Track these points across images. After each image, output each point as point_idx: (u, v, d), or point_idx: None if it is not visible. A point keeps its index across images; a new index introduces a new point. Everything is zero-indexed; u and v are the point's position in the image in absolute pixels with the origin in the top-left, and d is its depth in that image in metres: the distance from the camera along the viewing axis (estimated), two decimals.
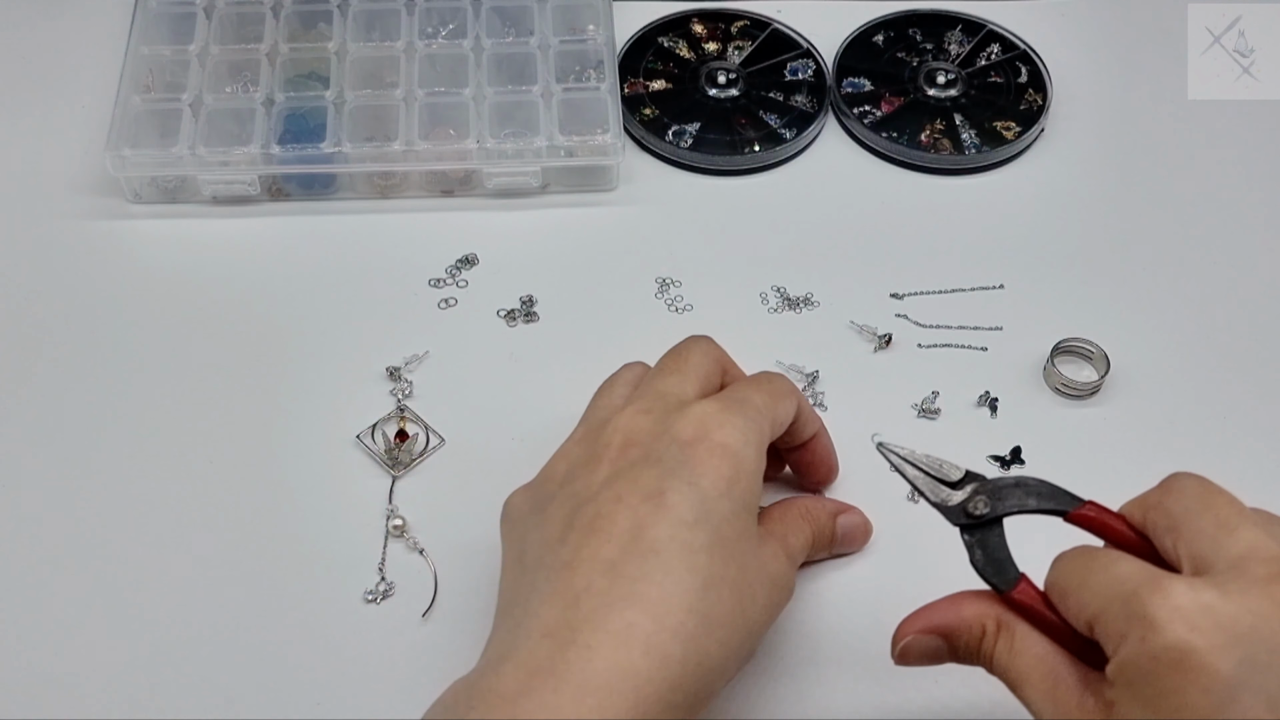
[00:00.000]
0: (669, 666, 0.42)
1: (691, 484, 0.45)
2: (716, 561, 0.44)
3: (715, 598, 0.44)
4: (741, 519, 0.46)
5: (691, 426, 0.47)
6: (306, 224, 0.74)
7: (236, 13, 0.80)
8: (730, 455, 0.46)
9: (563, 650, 0.42)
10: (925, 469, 0.46)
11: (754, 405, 0.49)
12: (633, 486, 0.46)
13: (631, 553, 0.44)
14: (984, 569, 0.43)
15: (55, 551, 0.60)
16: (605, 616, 0.43)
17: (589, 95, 0.77)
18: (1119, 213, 0.76)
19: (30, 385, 0.67)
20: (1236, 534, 0.38)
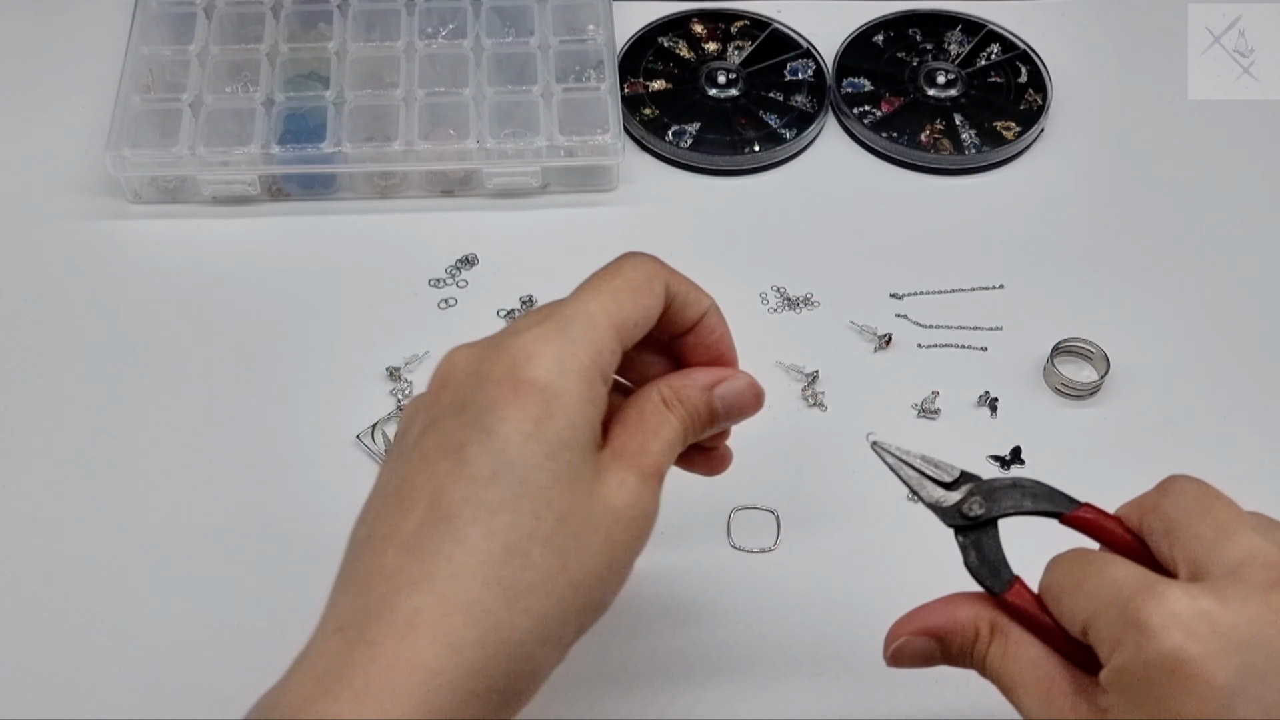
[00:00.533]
0: (462, 653, 0.37)
1: (488, 432, 0.40)
2: (523, 518, 0.39)
3: (521, 562, 0.39)
4: (560, 460, 0.40)
5: (504, 361, 0.41)
6: (306, 224, 0.74)
7: (236, 13, 0.80)
8: (538, 390, 0.40)
9: (350, 649, 0.38)
10: (920, 469, 0.45)
11: (583, 320, 0.42)
12: (438, 441, 0.41)
13: (427, 523, 0.39)
14: (978, 571, 0.42)
15: (55, 552, 0.60)
16: (393, 604, 0.38)
17: (589, 95, 0.77)
18: (1119, 213, 0.76)
19: (30, 385, 0.67)
20: (1234, 539, 0.37)
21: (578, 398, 0.41)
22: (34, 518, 0.62)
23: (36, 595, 0.59)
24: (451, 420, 0.41)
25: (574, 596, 0.40)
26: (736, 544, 0.61)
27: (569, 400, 0.41)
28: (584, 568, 0.40)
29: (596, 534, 0.41)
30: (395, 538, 0.40)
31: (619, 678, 0.57)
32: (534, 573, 0.39)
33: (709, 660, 0.58)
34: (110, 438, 0.65)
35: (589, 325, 0.42)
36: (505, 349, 0.41)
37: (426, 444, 0.41)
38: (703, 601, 0.60)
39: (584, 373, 0.41)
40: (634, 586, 0.60)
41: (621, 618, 0.59)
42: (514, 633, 0.38)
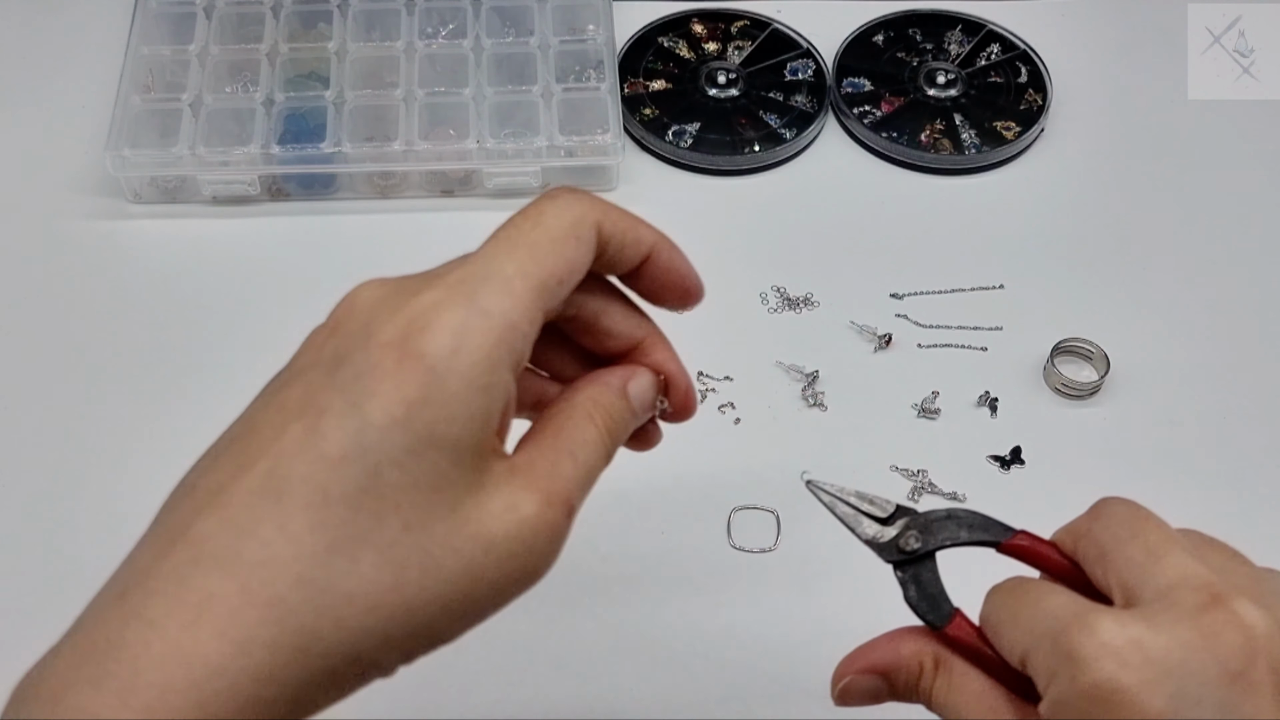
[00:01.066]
0: (250, 654, 0.32)
1: (354, 405, 0.34)
2: (361, 517, 0.33)
3: (346, 566, 0.33)
4: (427, 459, 0.34)
5: (397, 322, 0.35)
6: (306, 224, 0.74)
7: (236, 13, 0.80)
8: (423, 370, 0.34)
9: (125, 625, 0.33)
10: (855, 505, 0.44)
11: (497, 284, 0.36)
12: (301, 396, 0.35)
13: (254, 492, 0.34)
14: (918, 605, 0.41)
15: (55, 552, 0.60)
16: (187, 579, 0.33)
17: (589, 95, 0.77)
18: (1119, 213, 0.76)
19: (30, 384, 0.67)
20: (1165, 561, 0.36)
21: (468, 386, 0.34)
22: (34, 518, 0.62)
23: (37, 596, 0.59)
24: (323, 376, 0.35)
25: (404, 620, 0.34)
26: (736, 544, 0.61)
27: (455, 388, 0.34)
28: (426, 593, 0.34)
29: (455, 559, 0.34)
30: (217, 499, 0.34)
31: (618, 677, 0.57)
32: (358, 582, 0.33)
33: (709, 660, 0.58)
34: (109, 437, 0.64)
35: (503, 291, 0.35)
36: (405, 308, 0.35)
37: (289, 395, 0.35)
38: (703, 601, 0.60)
39: (485, 355, 0.34)
40: (634, 586, 0.60)
41: (621, 617, 0.59)
42: (317, 643, 0.33)
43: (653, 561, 0.61)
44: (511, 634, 0.58)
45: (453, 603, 0.35)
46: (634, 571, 0.60)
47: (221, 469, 0.35)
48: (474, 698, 0.56)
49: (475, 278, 0.36)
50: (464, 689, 0.56)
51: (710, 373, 0.68)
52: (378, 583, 0.34)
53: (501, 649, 0.57)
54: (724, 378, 0.67)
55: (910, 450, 0.65)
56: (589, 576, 0.60)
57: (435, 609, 0.34)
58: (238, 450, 0.35)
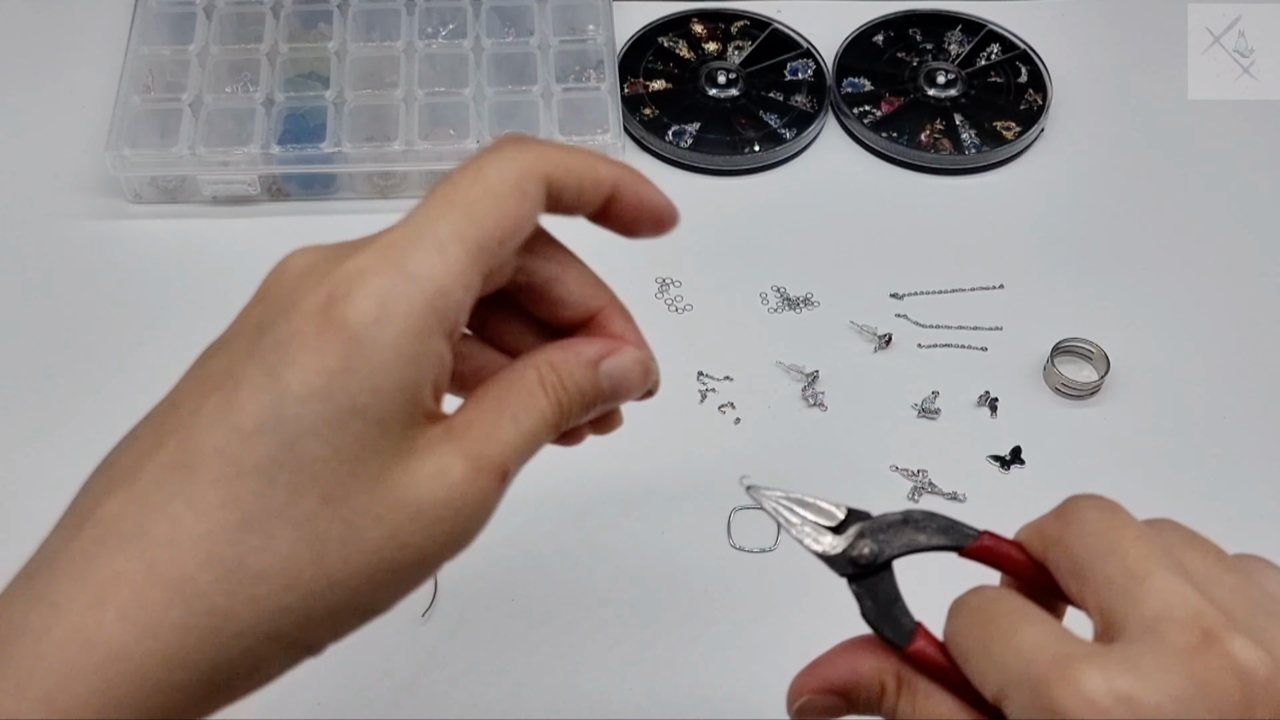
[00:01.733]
0: (158, 637, 0.31)
1: (271, 374, 0.32)
2: (276, 490, 0.32)
3: (259, 542, 0.32)
4: (347, 430, 0.32)
5: (323, 289, 0.33)
6: (306, 224, 0.74)
7: (236, 13, 0.80)
8: (346, 338, 0.32)
9: (28, 609, 0.32)
10: (803, 513, 0.40)
11: (428, 247, 0.33)
12: (221, 366, 0.34)
13: (166, 468, 0.32)
14: (876, 622, 0.37)
15: None
16: (92, 560, 0.32)
17: (589, 95, 0.77)
18: (1119, 213, 0.76)
19: (30, 384, 0.67)
20: (1147, 585, 0.32)
21: (394, 354, 0.32)
22: (34, 518, 0.62)
23: None
24: (244, 344, 0.34)
25: (327, 594, 0.33)
26: (736, 544, 0.61)
27: (381, 356, 0.32)
28: (349, 565, 0.33)
29: (378, 527, 0.33)
30: (128, 477, 0.33)
31: (617, 677, 0.57)
32: (272, 558, 0.32)
33: (709, 660, 0.58)
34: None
35: (435, 254, 0.33)
36: (330, 274, 0.33)
37: (211, 367, 0.34)
38: (703, 601, 0.60)
39: (413, 322, 0.32)
40: (634, 586, 0.60)
41: (621, 616, 0.59)
42: (230, 623, 0.32)
43: (652, 561, 0.61)
44: (510, 634, 0.58)
45: (378, 573, 0.33)
46: (634, 571, 0.60)
47: (137, 446, 0.34)
48: (472, 698, 0.56)
49: (406, 240, 0.34)
50: (462, 688, 0.56)
51: (710, 373, 0.68)
52: (294, 558, 0.32)
53: (500, 649, 0.57)
54: (724, 378, 0.67)
55: (910, 450, 0.65)
56: (589, 576, 0.60)
57: (359, 580, 0.33)
58: (155, 426, 0.34)
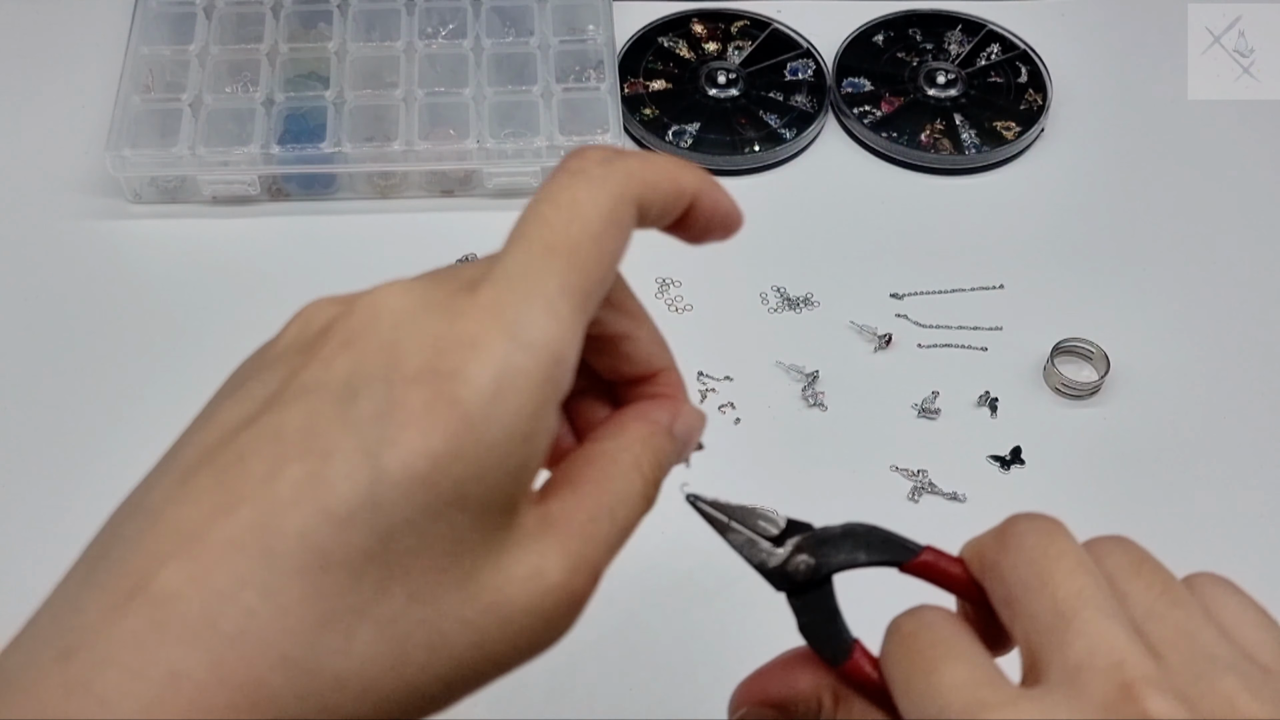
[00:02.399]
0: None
1: (369, 453, 0.28)
2: (363, 587, 0.28)
3: (339, 644, 0.28)
4: (448, 521, 0.28)
5: (428, 351, 0.28)
6: (306, 224, 0.74)
7: (236, 13, 0.80)
8: (458, 416, 0.28)
9: (68, 697, 0.27)
10: (743, 522, 0.39)
11: (537, 306, 0.29)
12: (302, 425, 0.28)
13: (237, 545, 0.27)
14: (813, 638, 0.36)
15: (54, 552, 0.60)
16: (147, 648, 0.27)
17: (589, 95, 0.77)
18: (1119, 213, 0.76)
19: (30, 385, 0.67)
20: (1073, 627, 0.31)
21: (507, 436, 0.28)
22: (34, 518, 0.62)
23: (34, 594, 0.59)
24: (332, 406, 0.28)
25: (403, 703, 0.29)
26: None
27: (494, 439, 0.28)
28: (429, 673, 0.29)
29: (464, 635, 0.29)
30: (190, 547, 0.28)
31: (617, 677, 0.57)
32: (351, 663, 0.28)
33: (709, 660, 0.58)
34: (110, 438, 0.64)
35: (548, 317, 0.29)
36: (435, 331, 0.29)
37: (287, 420, 0.29)
38: (703, 601, 0.60)
39: (530, 399, 0.28)
40: (633, 586, 0.60)
41: (621, 617, 0.59)
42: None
43: (652, 561, 0.61)
44: None
45: (455, 682, 0.30)
46: (633, 571, 0.60)
47: (194, 501, 0.29)
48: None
49: (514, 300, 0.29)
50: None
51: (710, 373, 0.68)
52: (374, 664, 0.28)
53: None
54: (724, 378, 0.67)
55: (910, 450, 0.65)
56: None
57: (437, 689, 0.30)
58: (216, 481, 0.29)
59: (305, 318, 0.32)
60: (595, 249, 0.30)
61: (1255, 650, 0.31)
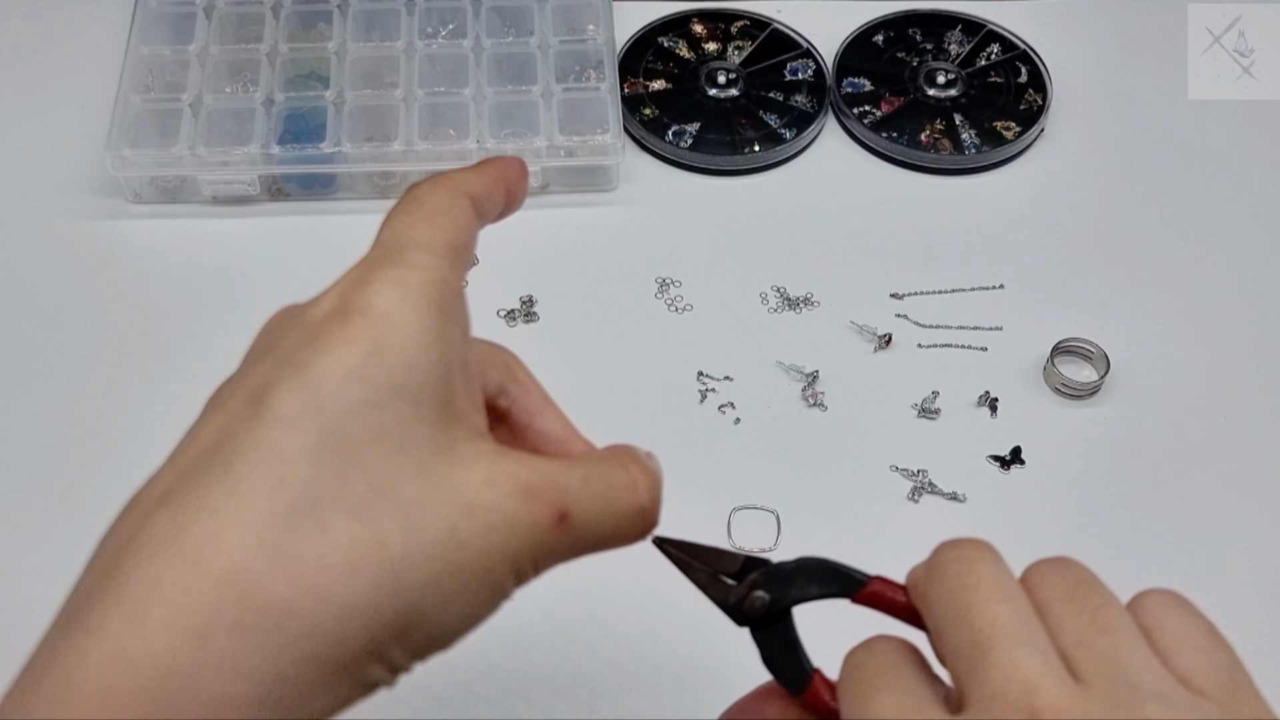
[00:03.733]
0: (211, 641, 0.28)
1: (301, 367, 0.31)
2: (325, 476, 0.29)
3: (314, 527, 0.29)
4: (387, 410, 0.31)
5: (329, 296, 0.33)
6: (306, 224, 0.74)
7: (236, 13, 0.80)
8: (372, 320, 0.31)
9: (60, 639, 0.29)
10: (703, 562, 0.40)
11: (414, 246, 0.34)
12: (238, 385, 0.32)
13: (198, 471, 0.30)
14: (774, 669, 0.38)
15: (54, 553, 0.60)
16: (126, 576, 0.29)
17: (589, 95, 0.77)
18: (1119, 213, 0.76)
19: (30, 385, 0.67)
20: (989, 658, 0.31)
21: (422, 330, 0.32)
22: (33, 518, 0.62)
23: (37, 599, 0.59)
24: (259, 361, 0.32)
25: (395, 591, 0.30)
26: (736, 544, 0.61)
27: (409, 332, 0.31)
28: (412, 557, 0.30)
29: (434, 519, 0.31)
30: (153, 492, 0.31)
31: (617, 677, 0.57)
32: (331, 545, 0.29)
33: (709, 660, 0.57)
34: (109, 438, 0.64)
35: (425, 251, 0.33)
36: (330, 291, 0.33)
37: (226, 390, 0.33)
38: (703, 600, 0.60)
39: (432, 300, 0.32)
40: (633, 586, 0.60)
41: (621, 617, 0.59)
42: (292, 620, 0.28)
43: (652, 561, 0.61)
44: (507, 634, 0.58)
45: (442, 574, 0.30)
46: (633, 571, 0.60)
47: (163, 478, 0.32)
48: (470, 698, 0.56)
49: (392, 247, 0.34)
50: (460, 689, 0.56)
51: (710, 373, 0.68)
52: (354, 545, 0.29)
53: (498, 649, 0.57)
54: (724, 378, 0.67)
55: (910, 450, 0.65)
56: (588, 575, 0.60)
57: (424, 577, 0.30)
58: (178, 457, 0.32)
59: None
60: (447, 216, 0.35)
61: (1191, 675, 0.31)
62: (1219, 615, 0.34)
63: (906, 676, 0.33)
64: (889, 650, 0.35)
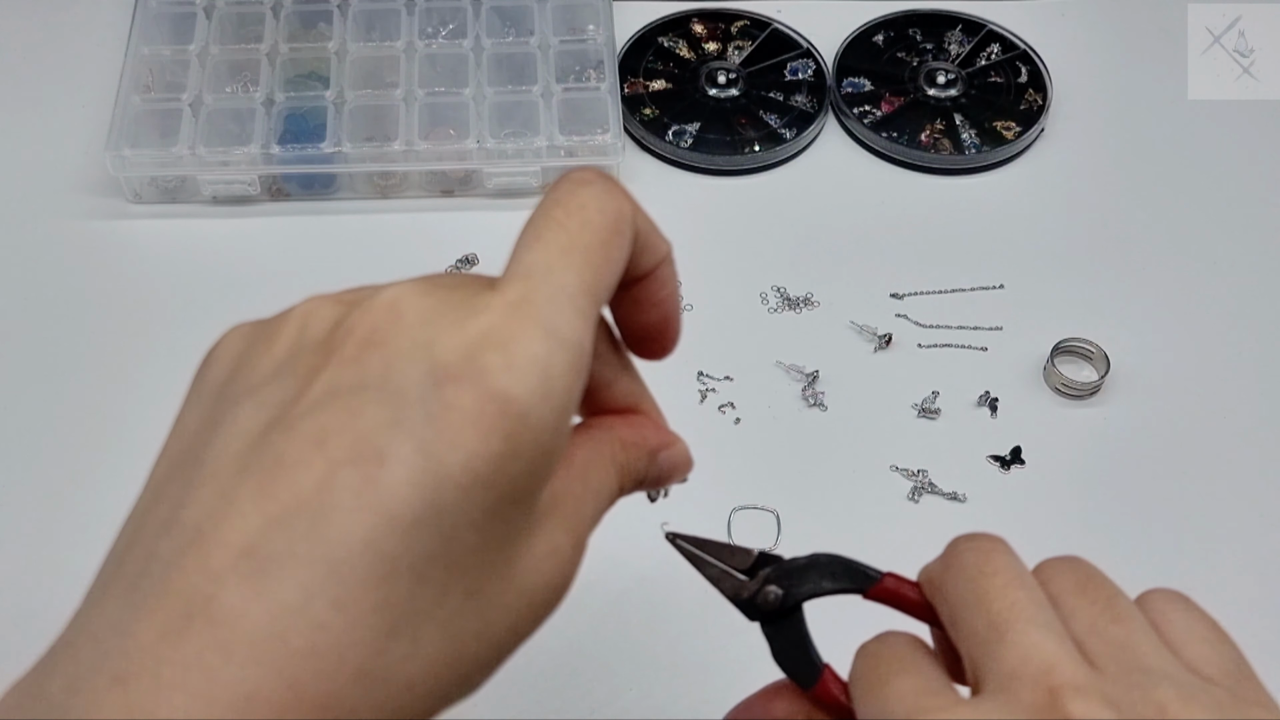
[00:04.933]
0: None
1: (430, 456, 0.27)
2: (428, 590, 0.27)
3: (408, 649, 0.28)
4: (500, 518, 0.28)
5: (462, 348, 0.28)
6: (306, 224, 0.74)
7: (236, 13, 0.80)
8: (512, 415, 0.27)
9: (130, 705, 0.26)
10: (716, 558, 0.40)
11: (563, 301, 0.29)
12: (345, 427, 0.27)
13: (300, 557, 0.26)
14: (784, 664, 0.38)
15: (53, 552, 0.60)
16: (215, 672, 0.26)
17: (589, 95, 0.77)
18: (1119, 213, 0.76)
19: (30, 385, 0.67)
20: (1007, 639, 0.31)
21: (555, 434, 0.29)
22: (34, 518, 0.62)
23: (36, 599, 0.59)
24: (374, 406, 0.28)
25: (455, 695, 0.30)
26: (737, 544, 0.61)
27: (545, 437, 0.28)
28: (479, 661, 0.29)
29: (504, 618, 0.30)
30: (245, 559, 0.26)
31: (617, 677, 0.57)
32: (419, 666, 0.28)
33: (709, 660, 0.57)
34: (109, 438, 0.64)
35: (574, 313, 0.29)
36: (467, 326, 0.28)
37: (329, 420, 0.28)
38: (703, 601, 0.60)
39: (570, 395, 0.29)
40: (633, 585, 0.60)
41: (621, 617, 0.59)
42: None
43: (652, 560, 0.61)
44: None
45: (491, 665, 0.30)
46: (633, 570, 0.60)
47: (241, 514, 0.27)
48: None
49: (539, 297, 0.29)
50: None
51: (710, 373, 0.68)
52: (438, 664, 0.28)
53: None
54: (724, 378, 0.67)
55: (910, 450, 0.65)
56: (588, 575, 0.60)
57: (481, 677, 0.30)
58: (260, 490, 0.27)
59: (303, 313, 0.32)
60: (604, 252, 0.31)
61: (1199, 664, 0.32)
62: (1219, 615, 0.34)
63: (919, 662, 0.34)
64: (901, 641, 0.35)
